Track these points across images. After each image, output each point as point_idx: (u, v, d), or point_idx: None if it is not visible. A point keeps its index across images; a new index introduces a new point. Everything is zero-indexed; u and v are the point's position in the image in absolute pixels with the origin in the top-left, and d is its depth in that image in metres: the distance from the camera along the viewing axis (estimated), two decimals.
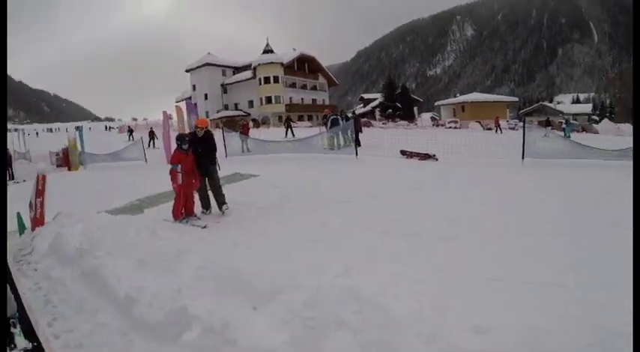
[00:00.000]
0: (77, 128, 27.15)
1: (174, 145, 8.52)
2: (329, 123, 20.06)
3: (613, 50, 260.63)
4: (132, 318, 3.54)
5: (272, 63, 71.36)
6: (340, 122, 20.36)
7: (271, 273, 3.84)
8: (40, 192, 6.41)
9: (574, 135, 31.23)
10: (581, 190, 10.21)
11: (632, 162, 13.42)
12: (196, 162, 8.23)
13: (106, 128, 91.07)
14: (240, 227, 7.44)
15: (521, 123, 17.25)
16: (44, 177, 6.52)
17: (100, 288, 4.09)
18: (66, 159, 21.22)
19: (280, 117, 69.48)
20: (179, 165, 7.94)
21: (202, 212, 8.50)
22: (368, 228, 7.23)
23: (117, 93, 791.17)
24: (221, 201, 8.47)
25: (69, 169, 20.31)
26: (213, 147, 8.62)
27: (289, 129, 32.21)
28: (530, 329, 2.97)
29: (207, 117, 64.26)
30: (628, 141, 23.89)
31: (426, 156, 16.62)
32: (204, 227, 7.50)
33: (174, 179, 7.89)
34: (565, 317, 3.34)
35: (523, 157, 14.82)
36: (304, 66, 78.53)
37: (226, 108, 76.69)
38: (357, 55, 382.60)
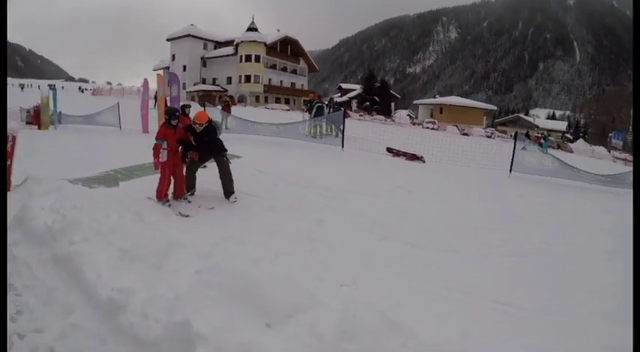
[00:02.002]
0: (51, 87, 25.71)
1: (152, 113, 7.86)
2: (314, 110, 19.40)
3: (594, 72, 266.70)
4: (119, 328, 2.93)
5: (255, 41, 69.87)
6: (325, 111, 19.80)
7: (281, 282, 3.28)
8: (9, 154, 5.69)
9: (551, 151, 31.54)
10: (572, 211, 10.22)
11: (617, 189, 13.81)
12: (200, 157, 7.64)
13: (80, 89, 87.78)
14: (230, 216, 6.85)
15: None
16: (14, 138, 5.80)
17: (76, 281, 3.43)
18: (37, 117, 20.00)
19: (257, 97, 68.55)
20: (165, 142, 7.19)
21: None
22: (365, 231, 6.89)
23: (93, 55, 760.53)
24: (229, 190, 7.77)
25: (39, 128, 19.13)
26: (216, 142, 7.84)
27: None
28: None
29: (184, 88, 62.88)
30: (605, 166, 24.46)
31: (413, 157, 16.29)
32: (187, 216, 6.77)
33: (156, 154, 7.09)
34: None
35: (511, 170, 14.71)
36: (287, 48, 77.01)
37: (204, 82, 74.60)
38: (339, 43, 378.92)
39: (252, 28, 72.30)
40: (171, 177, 7.43)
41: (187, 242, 4.13)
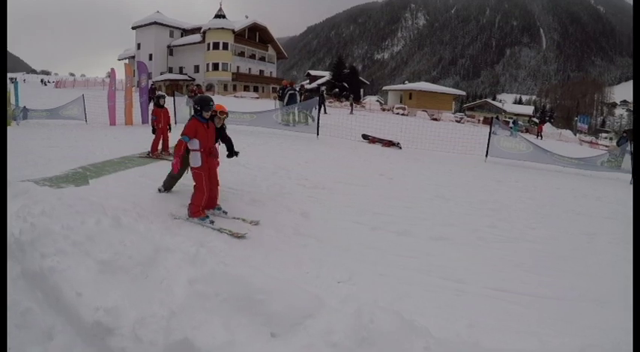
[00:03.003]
0: (12, 80, 24.62)
1: (121, 105, 7.23)
2: (286, 98, 19.04)
3: (559, 58, 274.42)
4: None
5: (223, 29, 68.28)
6: (298, 98, 19.49)
7: (281, 286, 3.01)
8: None
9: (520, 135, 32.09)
10: (549, 195, 10.36)
11: (588, 171, 14.38)
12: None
13: (42, 82, 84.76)
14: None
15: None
16: None
17: (53, 301, 3.01)
18: None
19: (226, 86, 67.46)
20: (194, 139, 5.92)
21: (159, 190, 7.23)
22: (354, 222, 6.72)
23: (54, 45, 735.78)
24: None
25: None
26: (230, 140, 7.17)
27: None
28: None
29: (151, 78, 61.44)
30: (572, 149, 25.20)
31: (389, 143, 16.14)
32: (178, 218, 6.11)
33: (177, 153, 5.91)
34: None
35: (487, 155, 14.94)
36: (255, 35, 75.71)
37: (170, 71, 72.59)
38: (307, 30, 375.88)
39: (220, 15, 70.84)
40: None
41: (172, 245, 3.79)
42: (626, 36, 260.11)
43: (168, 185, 7.22)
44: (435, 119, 48.86)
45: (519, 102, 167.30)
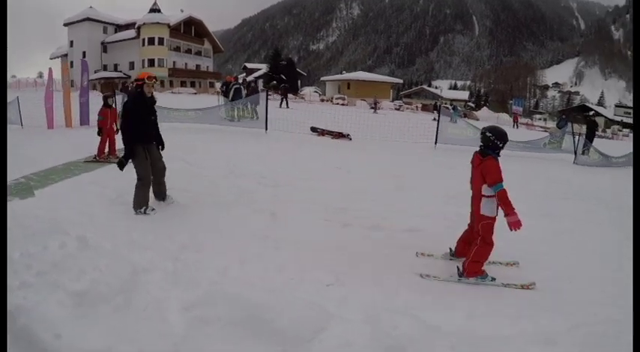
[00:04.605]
0: None
1: (59, 107, 6.53)
2: (231, 93, 18.66)
3: (492, 44, 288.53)
4: None
5: (158, 23, 66.38)
6: (243, 93, 19.20)
7: (281, 299, 2.81)
8: None
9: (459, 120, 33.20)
10: (506, 178, 10.35)
11: (532, 153, 15.24)
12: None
13: None
14: (173, 220, 5.99)
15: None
16: None
17: (27, 346, 2.48)
18: None
19: (162, 82, 65.55)
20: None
21: (138, 212, 6.19)
22: (324, 220, 6.55)
23: None
24: (164, 191, 6.72)
25: None
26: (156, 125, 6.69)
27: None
28: None
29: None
30: (510, 132, 26.14)
31: (339, 135, 16.10)
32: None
33: None
34: None
35: (436, 142, 15.41)
36: (191, 29, 74.01)
37: (105, 68, 69.47)
38: (242, 22, 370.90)
39: (154, 9, 68.69)
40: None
41: (145, 263, 3.46)
42: (556, 22, 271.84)
43: (143, 199, 6.25)
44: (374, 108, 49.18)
45: (454, 87, 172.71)
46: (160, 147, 6.67)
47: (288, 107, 29.89)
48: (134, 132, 6.03)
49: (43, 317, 2.58)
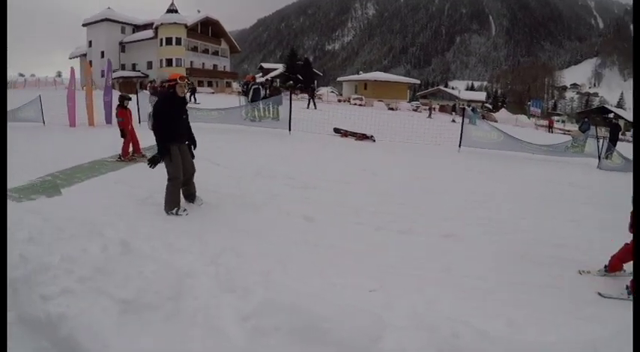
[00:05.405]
0: None
1: (81, 105, 6.42)
2: (251, 93, 18.53)
3: (509, 44, 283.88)
4: None
5: (175, 23, 66.78)
6: (262, 92, 18.97)
7: (337, 308, 2.65)
8: None
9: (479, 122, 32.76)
10: (525, 183, 10.59)
11: (556, 157, 14.76)
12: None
13: None
14: (205, 220, 5.93)
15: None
16: None
17: None
18: None
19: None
20: None
21: (170, 213, 6.12)
22: (357, 223, 6.44)
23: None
24: (194, 192, 6.67)
25: None
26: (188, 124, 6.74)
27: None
28: None
29: (103, 76, 59.41)
30: (530, 134, 26.26)
31: (363, 137, 15.89)
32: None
33: None
34: None
35: (460, 145, 15.04)
36: (208, 30, 74.62)
37: (123, 68, 70.05)
38: (257, 22, 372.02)
39: (172, 10, 69.09)
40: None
41: (186, 267, 3.30)
42: (574, 21, 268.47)
43: (175, 200, 6.19)
44: (392, 109, 49.07)
45: (471, 88, 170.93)
46: (193, 146, 6.61)
47: (315, 108, 29.56)
48: (165, 132, 5.95)
49: (88, 327, 2.45)
